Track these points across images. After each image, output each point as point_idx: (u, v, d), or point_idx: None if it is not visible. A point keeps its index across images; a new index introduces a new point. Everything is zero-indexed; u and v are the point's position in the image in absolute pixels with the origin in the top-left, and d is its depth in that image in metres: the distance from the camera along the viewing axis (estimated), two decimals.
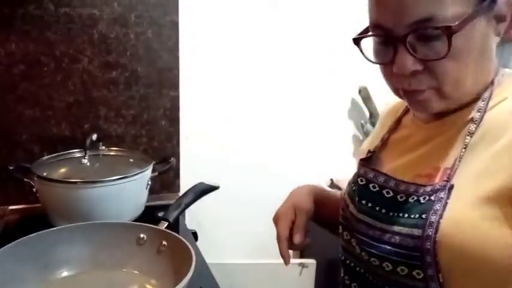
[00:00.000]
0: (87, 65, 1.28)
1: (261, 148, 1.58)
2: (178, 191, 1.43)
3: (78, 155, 1.18)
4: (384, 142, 0.77)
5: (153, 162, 1.17)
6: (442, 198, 0.57)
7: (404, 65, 0.58)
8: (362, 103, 1.64)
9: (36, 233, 0.79)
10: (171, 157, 1.24)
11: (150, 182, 1.15)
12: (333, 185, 1.61)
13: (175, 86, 1.38)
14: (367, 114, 1.65)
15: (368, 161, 0.76)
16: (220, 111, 1.51)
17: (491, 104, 0.61)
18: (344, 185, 1.64)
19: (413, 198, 0.61)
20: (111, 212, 1.04)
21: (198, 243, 1.14)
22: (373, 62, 0.64)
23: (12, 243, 0.75)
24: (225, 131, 1.52)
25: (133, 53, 1.31)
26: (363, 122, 1.64)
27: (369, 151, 0.77)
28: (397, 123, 0.77)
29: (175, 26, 1.34)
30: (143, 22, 1.30)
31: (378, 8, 0.60)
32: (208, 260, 1.02)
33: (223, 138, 1.53)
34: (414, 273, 0.58)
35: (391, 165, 0.71)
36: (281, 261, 0.78)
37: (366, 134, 1.65)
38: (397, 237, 0.60)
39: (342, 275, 0.74)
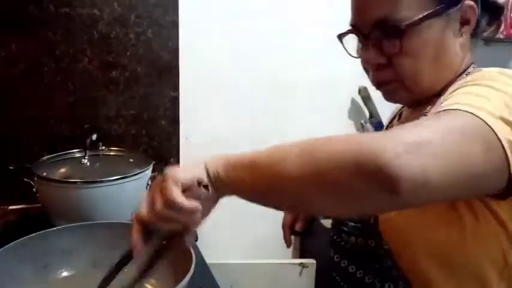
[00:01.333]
0: (87, 65, 1.28)
1: (261, 148, 1.58)
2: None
3: (78, 155, 1.18)
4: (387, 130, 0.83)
5: (153, 162, 1.17)
6: None
7: (369, 58, 0.68)
8: (362, 103, 1.64)
9: (36, 233, 0.79)
10: (171, 157, 1.24)
11: (150, 182, 1.15)
12: None
13: (175, 86, 1.38)
14: (367, 114, 1.65)
15: None
16: (220, 111, 1.51)
17: (441, 98, 0.64)
18: None
19: None
20: (111, 212, 1.04)
21: (198, 243, 1.14)
22: (354, 57, 0.74)
23: (12, 243, 0.75)
24: (225, 131, 1.52)
25: (133, 53, 1.31)
26: (363, 122, 1.64)
27: None
28: (400, 114, 0.84)
29: (175, 26, 1.34)
30: (143, 22, 1.30)
31: (352, 10, 0.69)
32: (208, 260, 1.02)
33: (223, 138, 1.53)
34: (369, 242, 0.69)
35: None
36: (281, 261, 0.81)
37: None
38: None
39: (332, 254, 0.80)
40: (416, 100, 0.70)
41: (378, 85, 0.71)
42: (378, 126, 1.64)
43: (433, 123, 0.50)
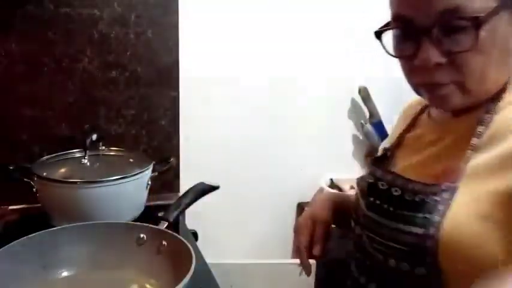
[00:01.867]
0: (87, 65, 1.28)
1: (261, 148, 1.58)
2: (178, 191, 1.43)
3: (78, 155, 1.18)
4: (400, 141, 0.77)
5: (153, 162, 1.17)
6: (446, 199, 0.58)
7: (428, 58, 0.57)
8: (362, 103, 1.64)
9: (36, 233, 0.79)
10: (171, 157, 1.24)
11: (150, 182, 1.15)
12: (332, 185, 1.61)
13: (175, 86, 1.38)
14: (367, 114, 1.65)
15: (381, 160, 0.77)
16: (220, 111, 1.51)
17: (501, 105, 0.60)
18: (344, 185, 1.65)
19: (419, 198, 0.61)
20: (111, 212, 1.04)
21: (198, 243, 1.14)
22: (394, 56, 0.63)
23: (12, 243, 0.75)
24: (225, 130, 1.52)
25: (133, 53, 1.31)
26: (363, 122, 1.64)
27: (384, 149, 0.79)
28: (413, 122, 0.77)
29: (175, 26, 1.34)
30: (143, 22, 1.30)
31: (401, 0, 0.59)
32: (208, 260, 1.01)
33: (223, 138, 1.53)
34: (416, 270, 0.59)
35: (403, 164, 0.72)
36: (281, 261, 0.80)
37: (366, 134, 1.65)
38: (401, 235, 0.61)
39: (352, 268, 0.74)
40: (467, 107, 0.62)
41: (431, 89, 0.61)
42: (378, 126, 1.64)
43: None
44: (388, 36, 0.64)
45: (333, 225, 0.85)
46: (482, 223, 0.54)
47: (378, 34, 0.64)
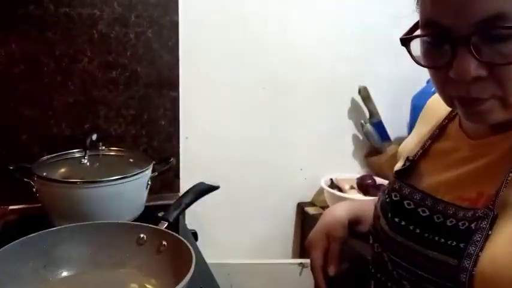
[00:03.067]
0: (87, 65, 1.28)
1: (261, 148, 1.58)
2: (178, 191, 1.43)
3: (78, 155, 1.18)
4: (425, 150, 0.69)
5: (153, 162, 1.17)
6: (483, 228, 0.52)
7: (466, 70, 0.50)
8: (362, 103, 1.64)
9: (36, 233, 0.79)
10: (171, 157, 1.24)
11: (150, 182, 1.15)
12: (332, 185, 1.61)
13: (175, 86, 1.38)
14: (367, 114, 1.65)
15: (405, 171, 0.69)
16: (220, 111, 1.51)
17: None
18: (344, 185, 1.65)
19: (451, 222, 0.56)
20: (111, 212, 1.04)
21: (198, 243, 1.14)
22: (424, 66, 0.56)
23: (12, 243, 0.75)
24: (225, 130, 1.52)
25: (133, 53, 1.31)
26: (363, 122, 1.64)
27: (408, 158, 0.71)
28: (442, 131, 0.69)
29: (175, 26, 1.34)
30: (143, 22, 1.30)
31: (436, 3, 0.51)
32: (208, 260, 1.01)
33: (223, 138, 1.53)
34: None
35: (430, 180, 0.65)
36: (281, 261, 0.78)
37: (366, 134, 1.65)
38: (430, 263, 0.56)
39: (373, 286, 0.70)
40: (507, 124, 0.56)
41: (467, 103, 0.54)
42: (378, 126, 1.64)
43: None
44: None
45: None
46: None
47: (405, 41, 0.57)
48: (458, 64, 0.50)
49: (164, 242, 0.80)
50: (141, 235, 0.83)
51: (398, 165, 0.74)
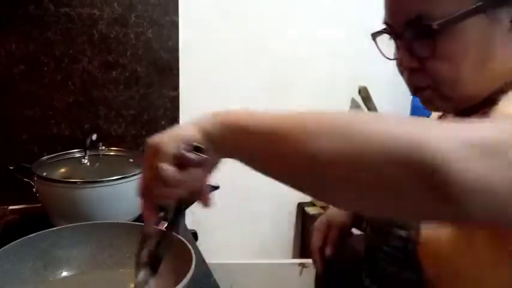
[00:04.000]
0: (87, 65, 1.28)
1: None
2: None
3: (78, 155, 1.18)
4: None
5: None
6: None
7: (401, 62, 0.60)
8: (362, 103, 1.64)
9: (36, 233, 0.79)
10: None
11: None
12: None
13: (175, 86, 1.38)
14: None
15: None
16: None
17: (501, 108, 0.56)
18: None
19: None
20: (111, 212, 1.04)
21: (198, 243, 1.14)
22: (389, 58, 0.65)
23: (12, 243, 0.75)
24: None
25: (133, 53, 1.31)
26: None
27: None
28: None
29: (175, 26, 1.34)
30: (143, 22, 1.30)
31: (384, 7, 0.62)
32: (208, 260, 1.02)
33: None
34: (405, 274, 0.61)
35: None
36: (281, 261, 0.79)
37: None
38: (394, 240, 0.62)
39: (363, 277, 0.74)
40: (462, 109, 0.60)
41: (413, 91, 0.63)
42: None
43: (498, 122, 0.41)
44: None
45: (356, 230, 0.87)
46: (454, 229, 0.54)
47: (373, 36, 0.66)
48: (398, 57, 0.61)
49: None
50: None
51: None
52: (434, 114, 0.79)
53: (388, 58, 0.65)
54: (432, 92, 0.59)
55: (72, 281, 0.80)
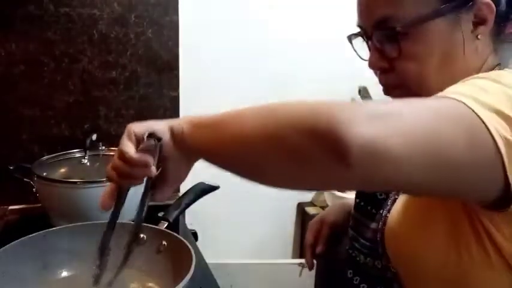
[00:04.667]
0: (87, 65, 1.28)
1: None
2: (178, 191, 1.43)
3: (78, 155, 1.18)
4: None
5: None
6: (393, 195, 0.64)
7: (371, 62, 0.63)
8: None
9: (36, 233, 0.79)
10: None
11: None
12: None
13: (175, 86, 1.38)
14: None
15: None
16: (220, 111, 1.51)
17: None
18: None
19: (381, 195, 0.66)
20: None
21: (198, 243, 1.14)
22: (364, 59, 0.68)
23: (12, 243, 0.75)
24: None
25: (134, 53, 1.31)
26: None
27: None
28: None
29: (175, 26, 1.34)
30: (143, 22, 1.30)
31: (357, 10, 0.66)
32: (208, 260, 1.02)
33: None
34: (376, 263, 0.65)
35: None
36: (281, 261, 0.80)
37: None
38: (367, 232, 0.67)
39: (347, 270, 0.75)
40: None
41: (385, 90, 0.66)
42: None
43: (412, 100, 0.45)
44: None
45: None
46: (414, 215, 0.58)
47: (349, 38, 0.70)
48: (369, 57, 0.64)
49: (164, 242, 0.80)
50: (141, 235, 0.83)
51: None
52: None
53: (363, 59, 0.67)
54: (402, 90, 0.62)
55: (72, 281, 0.80)
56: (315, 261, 0.88)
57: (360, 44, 0.68)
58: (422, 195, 0.55)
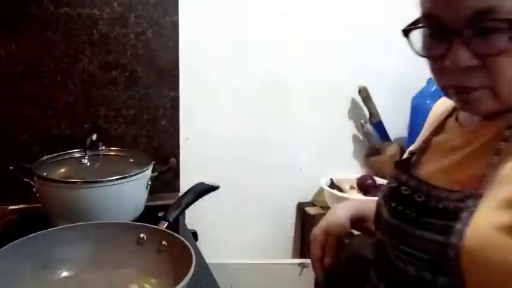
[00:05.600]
0: (87, 65, 1.28)
1: (261, 148, 1.58)
2: (178, 191, 1.43)
3: (78, 155, 1.18)
4: (426, 144, 0.74)
5: (153, 162, 1.17)
6: (469, 206, 0.56)
7: (458, 60, 0.54)
8: (362, 103, 1.64)
9: (36, 233, 0.79)
10: (171, 157, 1.24)
11: (150, 182, 1.15)
12: (332, 185, 1.61)
13: (175, 86, 1.38)
14: (367, 114, 1.65)
15: (405, 163, 0.73)
16: (220, 111, 1.51)
17: None
18: (344, 184, 1.65)
19: (443, 204, 0.59)
20: (111, 212, 1.04)
21: (198, 243, 1.14)
22: (422, 56, 0.60)
23: (12, 243, 0.75)
24: (225, 130, 1.52)
25: (133, 53, 1.31)
26: (363, 122, 1.64)
27: (410, 152, 0.76)
28: (442, 125, 0.73)
29: (175, 26, 1.34)
30: (143, 22, 1.30)
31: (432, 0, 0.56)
32: (208, 260, 1.02)
33: (223, 138, 1.53)
34: (438, 280, 0.58)
35: (426, 168, 0.69)
36: (281, 261, 0.79)
37: (366, 134, 1.65)
38: (423, 243, 0.59)
39: (372, 275, 0.73)
40: (497, 113, 0.59)
41: (460, 92, 0.59)
42: (378, 126, 1.64)
43: None
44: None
45: (355, 231, 0.87)
46: (504, 234, 0.51)
47: (406, 32, 0.60)
48: (453, 54, 0.55)
49: (164, 242, 0.80)
50: (141, 235, 0.83)
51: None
52: (439, 109, 0.77)
53: (419, 55, 0.59)
54: (486, 92, 0.56)
55: (72, 281, 0.80)
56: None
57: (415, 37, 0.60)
58: None
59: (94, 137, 1.18)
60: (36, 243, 0.78)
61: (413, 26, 0.60)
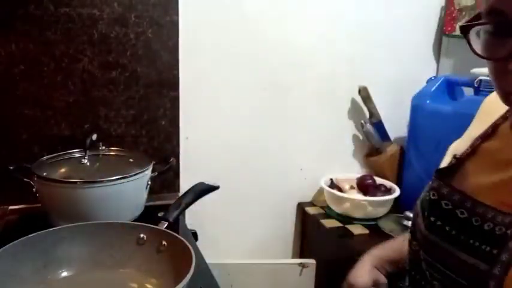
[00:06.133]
0: (87, 65, 1.28)
1: (261, 148, 1.58)
2: (178, 191, 1.43)
3: (78, 155, 1.18)
4: (474, 149, 0.65)
5: (153, 162, 1.17)
6: None
7: None
8: (362, 103, 1.64)
9: (36, 233, 0.79)
10: (171, 157, 1.24)
11: (150, 182, 1.15)
12: (332, 184, 1.61)
13: (175, 86, 1.38)
14: (367, 114, 1.65)
15: (449, 170, 0.65)
16: (220, 111, 1.51)
17: None
18: (344, 185, 1.65)
19: (489, 226, 0.54)
20: (111, 212, 1.04)
21: (198, 243, 1.14)
22: (482, 57, 0.51)
23: (12, 243, 0.75)
24: (225, 130, 1.52)
25: (134, 53, 1.31)
26: (363, 122, 1.64)
27: (454, 156, 0.67)
28: (493, 130, 0.64)
29: (175, 26, 1.34)
30: (143, 22, 1.30)
31: None
32: (208, 260, 1.02)
33: (223, 138, 1.53)
34: None
35: (473, 181, 0.61)
36: (281, 261, 0.78)
37: (366, 134, 1.65)
38: (462, 266, 0.55)
39: (406, 283, 0.70)
40: None
41: None
42: (378, 126, 1.64)
43: None
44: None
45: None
46: None
47: (464, 29, 0.52)
48: None
49: (164, 242, 0.80)
50: (141, 235, 0.83)
51: (443, 163, 0.70)
52: (491, 107, 0.68)
53: (479, 55, 0.51)
54: None
55: (72, 281, 0.80)
56: None
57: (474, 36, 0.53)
58: None
59: (94, 137, 1.18)
60: (36, 243, 0.78)
61: (473, 22, 0.52)
